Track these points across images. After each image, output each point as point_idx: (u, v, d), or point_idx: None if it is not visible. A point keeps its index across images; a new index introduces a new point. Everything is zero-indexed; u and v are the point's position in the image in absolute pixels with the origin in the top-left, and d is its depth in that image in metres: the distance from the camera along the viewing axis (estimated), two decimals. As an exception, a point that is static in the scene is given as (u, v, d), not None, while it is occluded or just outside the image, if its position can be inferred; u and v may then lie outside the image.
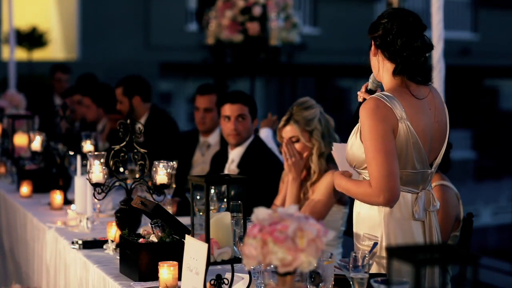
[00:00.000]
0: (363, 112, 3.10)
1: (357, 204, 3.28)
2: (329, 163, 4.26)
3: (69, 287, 3.91)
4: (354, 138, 3.20)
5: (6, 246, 5.59)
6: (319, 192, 4.18)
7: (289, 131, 4.25)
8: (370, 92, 3.40)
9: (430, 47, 3.20)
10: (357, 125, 3.20)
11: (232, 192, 3.82)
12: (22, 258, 5.03)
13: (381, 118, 3.06)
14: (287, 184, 4.28)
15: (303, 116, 4.24)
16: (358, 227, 3.27)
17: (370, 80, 3.39)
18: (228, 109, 4.84)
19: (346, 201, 4.31)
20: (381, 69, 3.22)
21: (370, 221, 3.19)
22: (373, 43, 3.21)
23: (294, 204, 4.16)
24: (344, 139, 3.50)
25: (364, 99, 3.38)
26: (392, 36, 3.14)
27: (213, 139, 5.79)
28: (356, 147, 3.18)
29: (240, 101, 4.86)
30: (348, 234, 4.41)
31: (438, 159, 3.24)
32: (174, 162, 4.14)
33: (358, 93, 3.43)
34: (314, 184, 4.24)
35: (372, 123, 3.07)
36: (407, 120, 3.08)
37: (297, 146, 4.25)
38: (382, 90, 3.24)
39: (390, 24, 3.15)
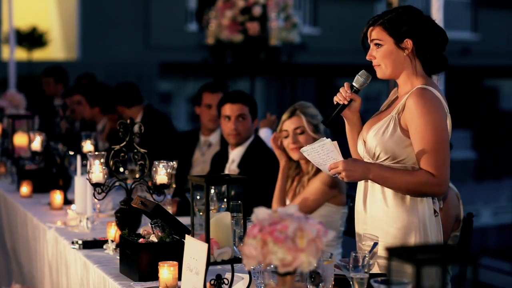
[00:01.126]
0: (419, 102, 3.08)
1: (380, 204, 3.21)
2: None
3: (71, 287, 3.91)
4: (391, 130, 3.15)
5: (9, 246, 5.59)
6: (312, 187, 4.19)
7: (294, 122, 4.26)
8: (355, 91, 3.31)
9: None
10: (391, 117, 3.17)
11: (232, 192, 3.82)
12: (25, 257, 5.03)
13: (439, 108, 3.10)
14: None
15: (309, 111, 4.28)
16: (382, 227, 3.20)
17: (361, 79, 3.28)
18: (228, 109, 4.84)
19: (344, 201, 4.32)
20: (413, 68, 3.19)
21: (401, 219, 3.16)
22: (410, 41, 3.16)
23: (279, 192, 4.20)
24: (343, 138, 3.48)
25: (351, 100, 3.33)
26: (432, 35, 3.17)
27: (215, 138, 5.79)
28: (395, 140, 3.15)
29: (240, 101, 4.86)
30: (347, 234, 4.41)
31: None
32: (174, 162, 4.13)
33: (344, 95, 3.29)
34: (311, 179, 4.26)
35: (433, 114, 3.07)
36: (449, 114, 3.16)
37: (302, 138, 4.25)
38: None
39: (426, 24, 3.17)
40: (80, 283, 3.74)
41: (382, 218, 3.21)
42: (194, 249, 2.86)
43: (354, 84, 3.31)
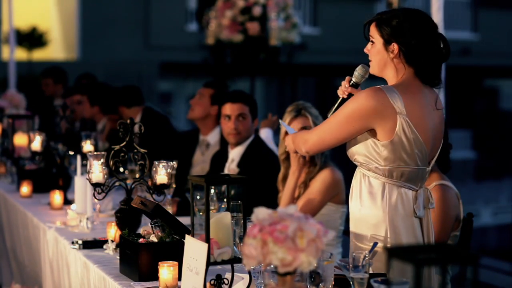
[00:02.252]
0: (362, 94, 3.12)
1: (357, 202, 3.25)
2: (327, 161, 4.30)
3: (73, 287, 3.91)
4: (366, 134, 3.17)
5: (8, 246, 5.59)
6: (314, 188, 4.21)
7: (301, 121, 4.28)
8: (354, 86, 3.35)
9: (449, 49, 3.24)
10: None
11: (232, 192, 3.82)
12: (28, 257, 5.02)
13: (368, 106, 3.09)
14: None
15: (312, 111, 4.32)
16: (359, 226, 3.24)
17: (358, 74, 3.32)
18: (228, 108, 4.85)
19: (344, 200, 4.33)
20: (399, 71, 3.19)
21: (372, 219, 3.18)
22: (397, 46, 3.15)
23: (290, 196, 4.20)
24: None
25: (350, 95, 3.35)
26: (425, 43, 3.15)
27: (213, 138, 5.80)
28: (362, 141, 3.17)
29: (241, 100, 4.87)
30: (347, 233, 4.41)
31: (435, 158, 3.26)
32: (174, 162, 4.13)
33: (342, 89, 3.36)
34: (312, 179, 4.27)
35: (356, 105, 3.12)
36: (406, 116, 3.09)
37: None
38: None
39: (421, 31, 3.15)
40: (81, 282, 3.74)
41: (358, 217, 3.24)
42: (194, 249, 2.87)
43: (352, 78, 3.36)
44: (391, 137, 3.11)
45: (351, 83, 3.35)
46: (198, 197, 4.06)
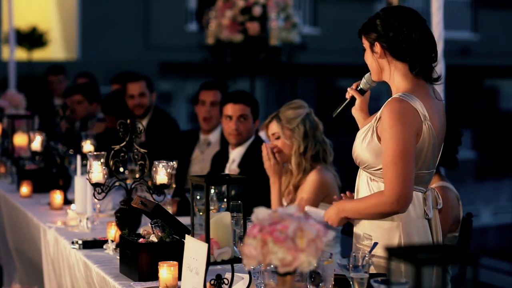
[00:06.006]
0: (388, 115, 3.03)
1: None
2: (316, 162, 4.26)
3: (75, 286, 3.90)
4: (369, 138, 3.13)
5: (11, 245, 5.58)
6: (303, 191, 4.20)
7: (272, 128, 4.30)
8: (360, 91, 3.37)
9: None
10: (371, 124, 3.15)
11: (232, 192, 3.82)
12: (34, 256, 5.02)
13: (408, 121, 3.02)
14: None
15: (286, 114, 4.27)
16: (369, 230, 3.19)
17: (364, 80, 3.34)
18: (230, 109, 4.84)
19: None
20: (392, 71, 3.16)
21: (386, 223, 3.14)
22: (378, 45, 3.13)
23: (277, 205, 4.20)
24: (343, 139, 3.49)
25: (352, 97, 3.36)
26: (405, 34, 3.09)
27: (214, 137, 5.79)
28: (371, 147, 3.12)
29: (242, 101, 4.86)
30: (345, 233, 4.41)
31: (438, 158, 3.25)
32: (174, 162, 4.14)
33: (349, 89, 3.39)
34: (299, 184, 4.25)
35: (399, 128, 3.00)
36: (428, 121, 3.07)
37: (279, 143, 4.28)
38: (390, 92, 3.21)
39: (398, 23, 3.10)
40: (86, 281, 3.74)
41: (366, 221, 3.21)
42: (194, 249, 2.87)
43: (360, 84, 3.39)
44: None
45: (358, 88, 3.37)
46: (198, 197, 4.06)
